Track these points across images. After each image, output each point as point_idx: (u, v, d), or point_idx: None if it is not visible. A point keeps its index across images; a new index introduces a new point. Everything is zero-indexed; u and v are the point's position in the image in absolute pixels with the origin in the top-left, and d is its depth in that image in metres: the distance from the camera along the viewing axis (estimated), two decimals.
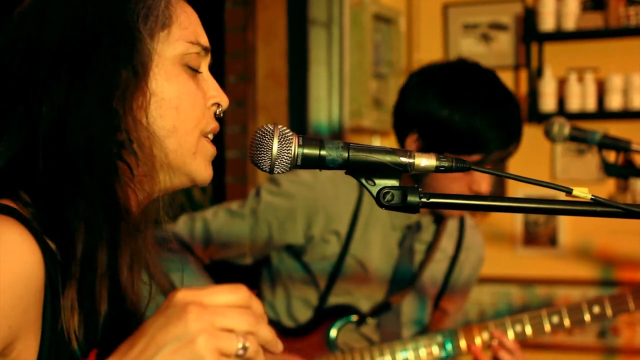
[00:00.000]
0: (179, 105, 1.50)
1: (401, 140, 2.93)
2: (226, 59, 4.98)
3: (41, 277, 1.37)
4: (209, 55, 1.60)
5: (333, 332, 3.03)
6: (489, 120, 2.78)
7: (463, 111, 2.79)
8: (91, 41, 1.46)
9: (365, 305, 3.08)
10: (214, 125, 1.58)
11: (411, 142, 2.89)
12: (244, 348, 1.21)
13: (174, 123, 1.50)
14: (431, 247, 3.13)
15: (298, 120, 4.97)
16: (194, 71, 1.54)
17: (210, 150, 1.58)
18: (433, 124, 2.84)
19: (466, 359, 3.09)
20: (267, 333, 1.24)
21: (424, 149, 2.84)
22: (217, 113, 1.58)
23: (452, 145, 2.80)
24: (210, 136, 1.59)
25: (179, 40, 1.52)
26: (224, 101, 1.59)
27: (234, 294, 1.24)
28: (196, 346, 1.18)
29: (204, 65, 1.59)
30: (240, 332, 1.21)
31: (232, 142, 4.95)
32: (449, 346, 2.97)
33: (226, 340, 1.20)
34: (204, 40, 1.57)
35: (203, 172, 1.57)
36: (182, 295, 1.22)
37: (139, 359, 1.19)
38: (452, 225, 3.19)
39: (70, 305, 1.39)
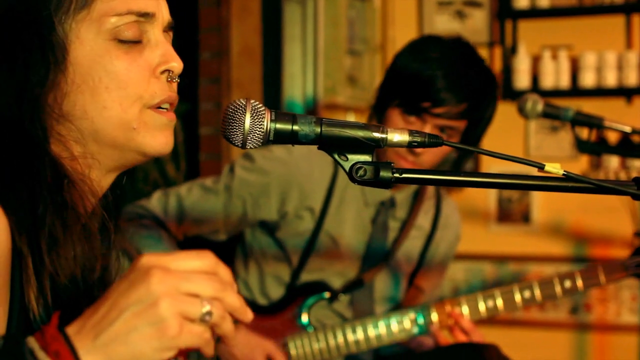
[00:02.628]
0: (108, 85, 1.47)
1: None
2: (200, 35, 4.95)
3: (7, 243, 1.37)
4: (159, 18, 1.53)
5: (305, 310, 3.03)
6: (445, 73, 2.82)
7: (424, 61, 2.85)
8: (4, 35, 1.45)
9: (338, 282, 3.08)
10: (164, 96, 1.52)
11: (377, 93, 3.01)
12: (209, 313, 1.20)
13: (105, 104, 1.47)
14: (406, 224, 3.14)
15: (272, 96, 4.96)
16: (131, 43, 1.49)
17: (159, 120, 1.53)
18: (395, 69, 2.95)
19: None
20: (234, 300, 1.23)
21: (382, 95, 2.95)
22: (169, 80, 1.53)
23: (404, 89, 2.86)
24: (166, 105, 1.54)
25: (104, 16, 1.47)
26: (175, 67, 1.53)
27: (200, 260, 1.23)
28: (159, 309, 1.17)
29: (155, 30, 1.53)
30: (206, 298, 1.20)
31: (206, 118, 4.93)
32: (421, 322, 2.98)
33: (190, 304, 1.19)
34: (142, 6, 1.50)
35: (152, 143, 1.53)
36: (146, 260, 1.21)
37: (102, 322, 1.18)
38: (428, 203, 3.20)
39: (29, 278, 1.39)
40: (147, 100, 1.50)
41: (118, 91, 1.47)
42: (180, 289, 1.19)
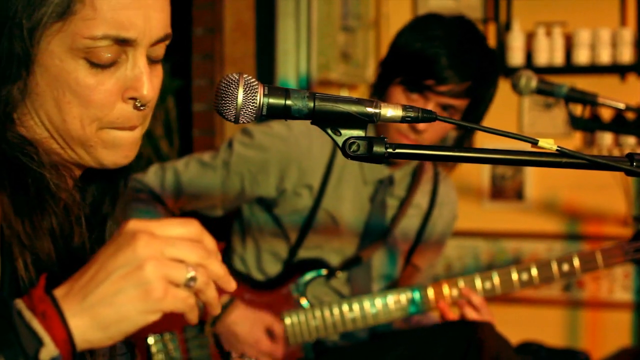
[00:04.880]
0: (71, 101, 1.44)
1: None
2: (194, 11, 4.93)
3: None
4: (143, 40, 1.45)
5: (302, 286, 3.04)
6: (448, 51, 2.84)
7: (427, 39, 2.87)
8: None
9: (335, 259, 3.08)
10: (125, 125, 1.49)
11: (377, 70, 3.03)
12: (193, 279, 1.23)
13: (65, 117, 1.44)
14: (404, 202, 3.14)
15: (266, 73, 4.94)
16: (103, 66, 1.43)
17: (117, 138, 1.50)
18: (398, 48, 2.96)
19: (435, 313, 3.12)
20: (218, 268, 1.26)
21: (384, 73, 2.97)
22: (135, 107, 1.48)
23: (407, 67, 2.87)
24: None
25: (77, 34, 1.40)
26: (143, 96, 1.47)
27: (185, 227, 1.26)
28: (144, 272, 1.20)
29: (136, 52, 1.45)
30: (190, 264, 1.23)
31: (199, 94, 4.92)
32: (418, 301, 2.98)
33: (175, 269, 1.22)
34: (122, 30, 1.42)
35: (108, 158, 1.51)
36: (133, 225, 1.24)
37: (89, 285, 1.21)
38: (426, 182, 3.19)
39: (15, 249, 1.40)
40: (105, 124, 1.47)
41: (79, 108, 1.44)
42: (166, 254, 1.22)
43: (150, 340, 2.71)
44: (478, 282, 2.97)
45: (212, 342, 2.88)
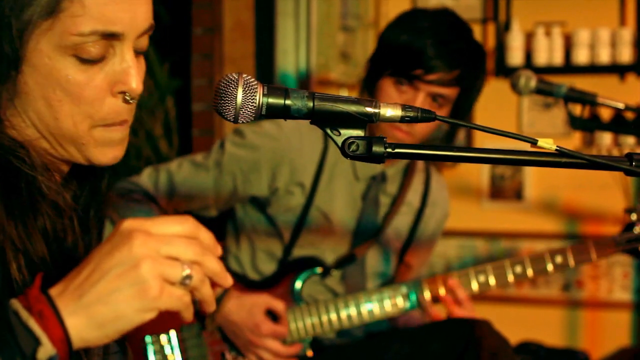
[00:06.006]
0: (62, 99, 1.43)
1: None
2: (193, 11, 4.93)
3: None
4: (130, 34, 1.45)
5: (298, 284, 3.04)
6: (435, 41, 2.85)
7: (414, 31, 2.89)
8: None
9: (329, 257, 3.09)
10: (116, 120, 1.48)
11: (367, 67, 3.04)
12: (189, 277, 1.24)
13: (57, 115, 1.44)
14: (396, 200, 3.14)
15: (265, 72, 4.94)
16: (92, 61, 1.43)
17: (108, 137, 1.50)
18: (385, 42, 3.00)
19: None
20: (214, 265, 1.28)
21: (373, 67, 2.99)
22: (125, 100, 1.48)
23: (396, 60, 2.89)
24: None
25: (66, 32, 1.39)
26: (132, 90, 1.47)
27: (181, 225, 1.27)
28: (140, 271, 1.21)
29: (123, 47, 1.46)
30: (186, 261, 1.24)
31: (199, 94, 4.92)
32: (413, 297, 2.98)
33: (170, 267, 1.23)
34: (109, 25, 1.41)
35: (99, 158, 1.50)
36: (128, 224, 1.25)
37: (85, 284, 1.22)
38: (418, 179, 3.20)
39: (8, 252, 1.40)
40: (97, 121, 1.47)
41: (70, 106, 1.44)
42: (161, 252, 1.23)
43: (147, 340, 2.71)
44: (472, 277, 2.99)
45: (219, 337, 2.89)
